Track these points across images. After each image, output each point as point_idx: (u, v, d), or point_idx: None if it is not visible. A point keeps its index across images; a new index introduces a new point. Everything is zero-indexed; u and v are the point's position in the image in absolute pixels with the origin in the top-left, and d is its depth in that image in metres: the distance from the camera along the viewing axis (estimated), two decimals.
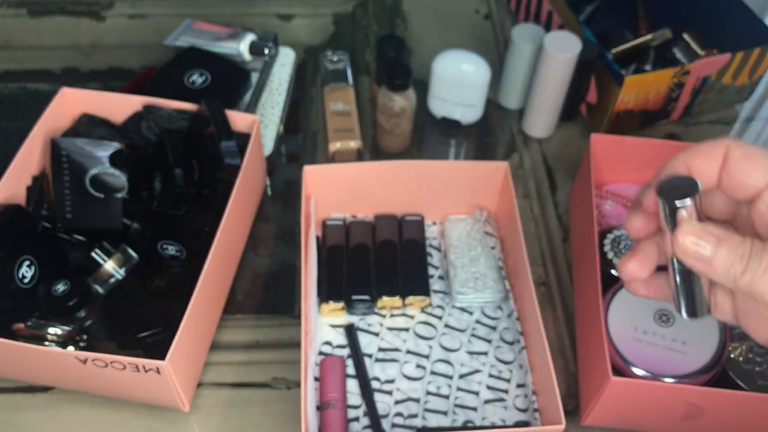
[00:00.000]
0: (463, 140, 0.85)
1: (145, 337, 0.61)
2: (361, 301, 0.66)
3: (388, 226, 0.72)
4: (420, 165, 0.69)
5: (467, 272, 0.68)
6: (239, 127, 0.71)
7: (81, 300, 0.61)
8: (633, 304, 0.61)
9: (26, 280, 0.62)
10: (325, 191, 0.70)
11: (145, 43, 0.93)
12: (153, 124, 0.73)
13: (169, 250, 0.66)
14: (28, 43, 0.94)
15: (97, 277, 0.64)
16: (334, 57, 0.88)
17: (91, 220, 0.67)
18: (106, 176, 0.68)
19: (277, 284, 0.71)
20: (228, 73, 0.80)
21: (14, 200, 0.66)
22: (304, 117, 0.86)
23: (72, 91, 0.73)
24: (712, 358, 0.58)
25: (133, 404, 0.62)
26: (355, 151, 0.80)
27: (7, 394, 0.62)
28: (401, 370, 0.64)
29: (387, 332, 0.66)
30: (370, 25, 0.98)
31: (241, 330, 0.67)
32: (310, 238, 0.66)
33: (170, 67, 0.81)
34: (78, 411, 0.61)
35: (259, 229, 0.75)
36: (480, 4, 1.01)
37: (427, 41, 0.95)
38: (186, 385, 0.59)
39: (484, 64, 0.79)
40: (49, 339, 0.59)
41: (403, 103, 0.76)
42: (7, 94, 0.87)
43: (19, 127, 0.73)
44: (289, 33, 0.96)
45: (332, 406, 0.60)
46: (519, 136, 0.85)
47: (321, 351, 0.65)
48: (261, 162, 0.75)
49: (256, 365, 0.65)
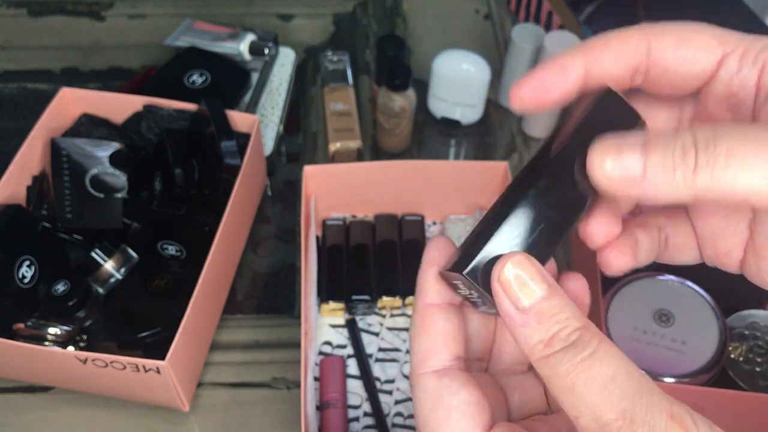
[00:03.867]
0: (463, 140, 0.85)
1: (145, 337, 0.61)
2: (361, 301, 0.66)
3: (388, 226, 0.72)
4: (420, 165, 0.69)
5: None
6: (239, 127, 0.71)
7: (81, 300, 0.61)
8: (633, 304, 0.61)
9: (26, 280, 0.62)
10: (325, 191, 0.70)
11: (145, 43, 0.93)
12: (153, 124, 0.73)
13: (169, 250, 0.66)
14: (28, 43, 0.94)
15: (97, 277, 0.64)
16: (334, 57, 0.88)
17: (91, 220, 0.67)
18: (106, 176, 0.68)
19: (277, 284, 0.71)
20: (228, 73, 0.80)
21: (14, 200, 0.66)
22: (304, 117, 0.86)
23: (72, 91, 0.73)
24: (712, 358, 0.58)
25: (133, 404, 0.62)
26: (355, 151, 0.80)
27: (7, 394, 0.62)
28: (401, 370, 0.64)
29: (387, 332, 0.66)
30: (370, 25, 0.98)
31: (241, 330, 0.67)
32: (310, 238, 0.66)
33: (170, 67, 0.81)
34: (78, 411, 0.61)
35: (259, 229, 0.75)
36: (480, 4, 1.01)
37: (427, 41, 0.95)
38: (186, 385, 0.59)
39: (484, 64, 0.79)
40: (49, 339, 0.59)
41: (403, 103, 0.76)
42: (7, 94, 0.87)
43: (19, 127, 0.74)
44: (289, 33, 0.96)
45: (332, 405, 0.60)
46: (519, 136, 0.85)
47: (321, 351, 0.65)
48: (261, 162, 0.75)
49: (256, 365, 0.65)
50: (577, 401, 0.23)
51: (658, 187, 0.23)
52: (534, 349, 0.24)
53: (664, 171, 0.23)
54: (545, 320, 0.24)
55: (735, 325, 0.61)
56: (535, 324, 0.24)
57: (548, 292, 0.25)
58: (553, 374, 0.24)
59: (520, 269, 0.25)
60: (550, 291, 0.25)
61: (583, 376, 0.23)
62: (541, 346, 0.24)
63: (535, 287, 0.25)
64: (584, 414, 0.23)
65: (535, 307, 0.24)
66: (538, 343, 0.24)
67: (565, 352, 0.23)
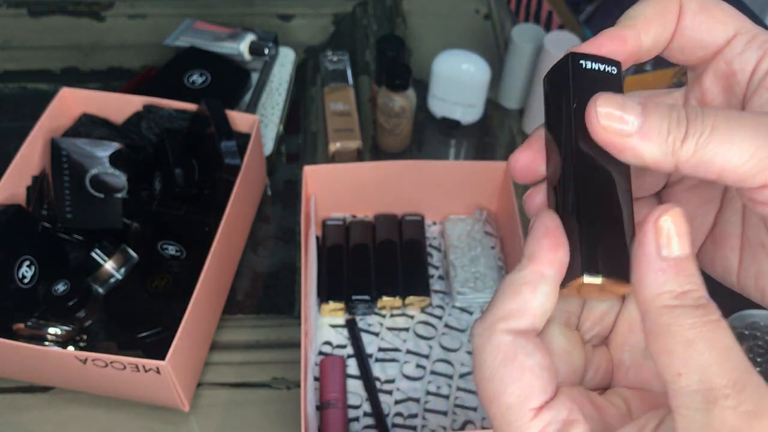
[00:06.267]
0: (463, 140, 0.85)
1: (145, 337, 0.61)
2: (361, 301, 0.66)
3: (388, 226, 0.72)
4: (420, 165, 0.69)
5: (467, 272, 0.68)
6: (239, 127, 0.71)
7: (81, 300, 0.61)
8: None
9: (26, 280, 0.62)
10: (325, 191, 0.70)
11: (145, 43, 0.93)
12: (153, 124, 0.73)
13: (169, 250, 0.66)
14: (28, 43, 0.94)
15: (97, 277, 0.64)
16: (334, 57, 0.88)
17: (91, 220, 0.67)
18: (106, 176, 0.68)
19: (277, 284, 0.71)
20: (228, 73, 0.80)
21: (14, 200, 0.66)
22: (304, 117, 0.86)
23: (72, 91, 0.73)
24: None
25: (133, 404, 0.62)
26: (355, 151, 0.80)
27: (7, 394, 0.62)
28: (401, 370, 0.64)
29: (387, 332, 0.66)
30: (370, 25, 0.98)
31: (241, 330, 0.67)
32: (310, 238, 0.66)
33: (170, 67, 0.81)
34: (78, 411, 0.61)
35: (259, 229, 0.75)
36: (480, 4, 1.01)
37: (427, 41, 0.95)
38: (186, 385, 0.59)
39: (484, 64, 0.79)
40: (49, 339, 0.59)
41: (403, 103, 0.76)
42: (7, 94, 0.87)
43: (19, 127, 0.73)
44: (289, 33, 0.96)
45: (332, 405, 0.60)
46: (519, 136, 0.85)
47: (321, 351, 0.65)
48: (261, 162, 0.75)
49: (256, 365, 0.65)
50: (689, 358, 0.23)
51: (648, 147, 0.25)
52: (662, 296, 0.24)
53: (659, 133, 0.25)
54: (683, 275, 0.24)
55: (735, 325, 0.61)
56: (673, 274, 0.25)
57: (691, 253, 0.25)
58: (675, 324, 0.24)
59: (674, 223, 0.25)
60: (692, 253, 0.25)
61: (707, 335, 0.23)
62: (670, 296, 0.24)
63: (683, 244, 0.25)
64: (692, 373, 0.23)
65: (678, 260, 0.25)
66: (668, 292, 0.24)
67: (695, 309, 0.24)
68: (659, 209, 0.25)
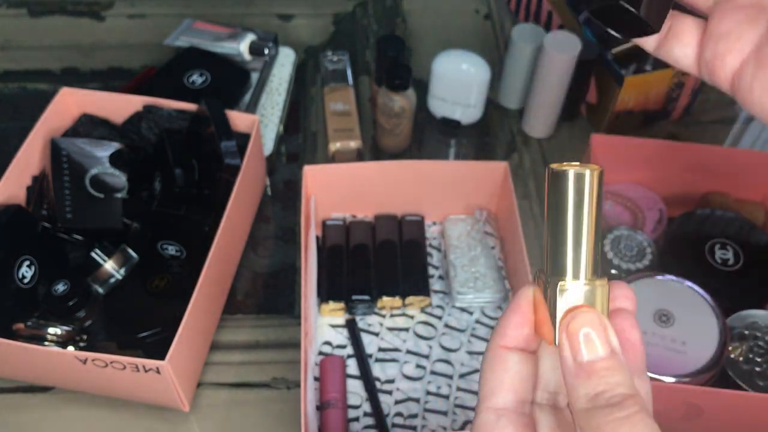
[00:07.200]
0: (463, 140, 0.85)
1: (145, 337, 0.61)
2: (361, 301, 0.66)
3: (388, 226, 0.72)
4: (420, 165, 0.69)
5: (467, 272, 0.68)
6: (239, 127, 0.71)
7: (81, 300, 0.61)
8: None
9: (26, 280, 0.62)
10: (325, 191, 0.70)
11: (145, 43, 0.93)
12: (153, 124, 0.73)
13: (169, 250, 0.66)
14: (28, 43, 0.94)
15: (97, 277, 0.64)
16: (334, 57, 0.88)
17: (91, 220, 0.67)
18: (106, 176, 0.68)
19: (277, 284, 0.71)
20: (228, 73, 0.80)
21: (14, 200, 0.66)
22: (304, 117, 0.86)
23: (72, 91, 0.73)
24: (711, 358, 0.58)
25: (133, 404, 0.62)
26: (355, 151, 0.80)
27: (7, 394, 0.62)
28: (401, 370, 0.64)
29: (387, 332, 0.66)
30: (370, 25, 0.98)
31: (241, 330, 0.67)
32: (310, 238, 0.66)
33: (170, 67, 0.81)
34: (78, 411, 0.61)
35: (259, 229, 0.75)
36: (480, 4, 1.01)
37: (427, 41, 0.95)
38: (186, 385, 0.59)
39: (484, 64, 0.79)
40: (49, 339, 0.59)
41: (403, 103, 0.76)
42: (7, 94, 0.87)
43: (19, 127, 0.73)
44: (289, 33, 0.96)
45: (332, 405, 0.60)
46: (519, 136, 0.85)
47: (321, 351, 0.65)
48: (261, 162, 0.75)
49: (256, 365, 0.65)
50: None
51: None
52: (579, 400, 0.26)
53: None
54: (596, 378, 0.26)
55: (735, 325, 0.61)
56: (585, 378, 0.26)
57: (608, 353, 0.26)
58: (586, 426, 0.25)
59: (590, 327, 0.26)
60: (610, 353, 0.26)
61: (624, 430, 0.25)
62: (584, 399, 0.26)
63: (599, 347, 0.26)
64: None
65: (591, 364, 0.26)
66: (583, 396, 0.26)
67: (610, 408, 0.25)
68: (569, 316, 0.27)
